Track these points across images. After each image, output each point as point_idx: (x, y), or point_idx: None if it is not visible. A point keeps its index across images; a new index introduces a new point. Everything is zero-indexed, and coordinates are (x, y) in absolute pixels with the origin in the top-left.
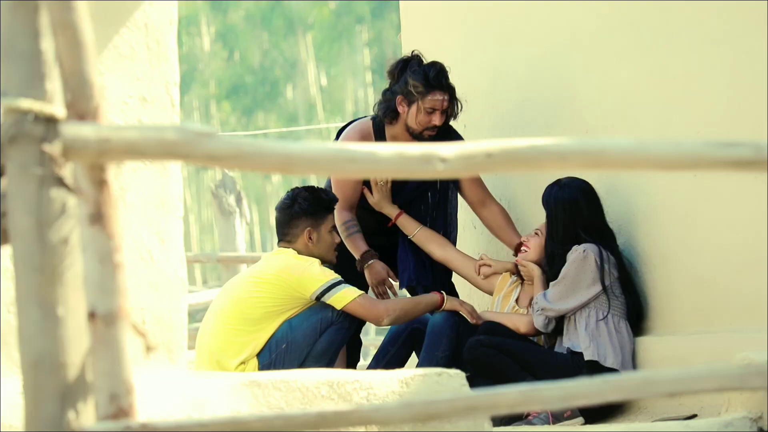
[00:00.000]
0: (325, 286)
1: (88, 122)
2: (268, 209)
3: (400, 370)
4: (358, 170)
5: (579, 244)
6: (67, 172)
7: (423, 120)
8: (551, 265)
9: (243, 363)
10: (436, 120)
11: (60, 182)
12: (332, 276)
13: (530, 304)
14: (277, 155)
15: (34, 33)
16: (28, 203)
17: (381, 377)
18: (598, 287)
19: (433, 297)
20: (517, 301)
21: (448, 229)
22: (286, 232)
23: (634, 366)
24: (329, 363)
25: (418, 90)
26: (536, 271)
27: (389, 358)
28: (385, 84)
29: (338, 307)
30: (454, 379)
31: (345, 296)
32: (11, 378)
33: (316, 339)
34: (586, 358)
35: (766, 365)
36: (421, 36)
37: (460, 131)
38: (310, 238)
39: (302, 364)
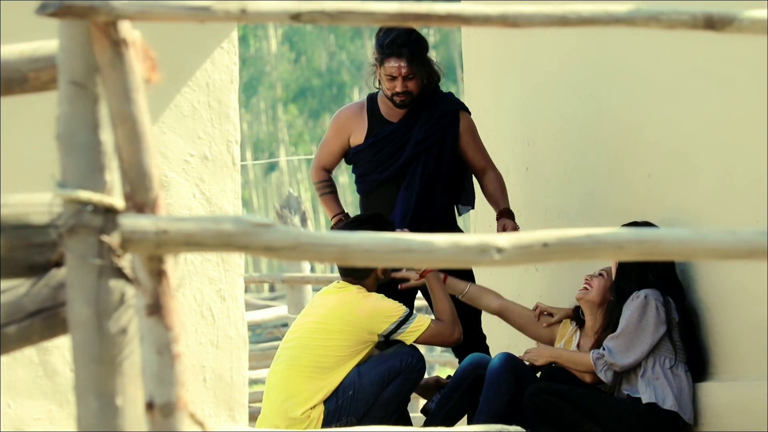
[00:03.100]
0: (396, 323)
1: (146, 214)
2: None
3: (462, 427)
4: (415, 260)
5: (646, 286)
6: (125, 262)
7: (388, 87)
8: (619, 301)
9: (311, 408)
10: (398, 86)
11: (119, 273)
12: (401, 310)
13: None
14: (334, 246)
15: (93, 124)
16: (87, 293)
17: None
18: (661, 332)
19: (435, 277)
20: (578, 346)
21: (435, 198)
22: (354, 269)
23: (694, 410)
24: (395, 412)
25: (377, 57)
26: (547, 353)
27: (453, 403)
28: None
29: (409, 341)
30: None
31: (417, 328)
32: None
33: (384, 388)
34: (644, 401)
35: None
36: (482, 83)
37: (521, 174)
38: (380, 272)
39: (368, 412)
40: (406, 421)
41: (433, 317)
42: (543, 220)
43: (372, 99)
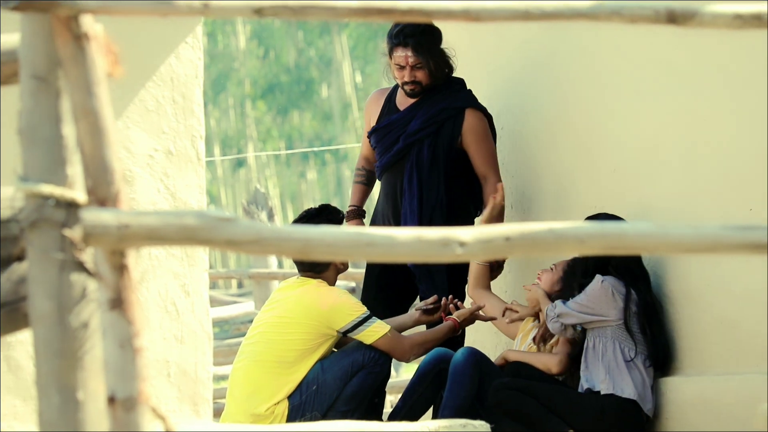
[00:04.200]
0: (354, 321)
1: (108, 208)
2: (302, 207)
3: (425, 422)
4: (377, 254)
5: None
6: (87, 256)
7: (397, 76)
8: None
9: (275, 404)
10: (405, 76)
11: (80, 267)
12: (361, 310)
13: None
14: (296, 240)
15: (55, 119)
16: (48, 287)
17: (405, 428)
18: (613, 316)
19: (448, 325)
20: (534, 339)
21: (423, 205)
22: (317, 264)
23: (659, 405)
24: (359, 406)
25: (387, 48)
26: (539, 292)
27: (416, 397)
28: None
29: (367, 342)
30: (478, 429)
31: (374, 332)
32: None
33: (347, 382)
34: (603, 392)
35: None
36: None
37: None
38: (339, 264)
39: (332, 407)
40: (378, 418)
41: (391, 327)
42: (509, 214)
43: (397, 85)
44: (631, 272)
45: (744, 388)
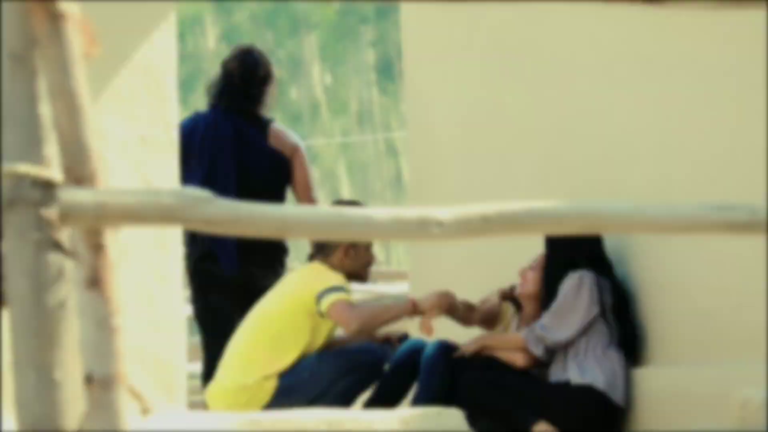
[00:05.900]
0: (326, 288)
1: (85, 187)
2: None
3: (400, 410)
4: (354, 234)
5: (576, 269)
6: (64, 236)
7: None
8: (551, 289)
9: (265, 378)
10: None
11: (57, 246)
12: (339, 282)
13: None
14: (274, 220)
15: (32, 98)
16: (25, 267)
17: (380, 416)
18: (594, 312)
19: (404, 303)
20: (517, 329)
21: None
22: (322, 245)
23: (633, 395)
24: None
25: None
26: (494, 340)
27: (390, 389)
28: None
29: (323, 309)
30: (453, 417)
31: (331, 299)
32: (9, 418)
33: (340, 378)
34: (574, 383)
35: (765, 405)
36: (422, 73)
37: (459, 160)
38: (346, 253)
39: (316, 399)
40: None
41: (354, 301)
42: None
43: None
44: (600, 259)
45: (718, 379)
